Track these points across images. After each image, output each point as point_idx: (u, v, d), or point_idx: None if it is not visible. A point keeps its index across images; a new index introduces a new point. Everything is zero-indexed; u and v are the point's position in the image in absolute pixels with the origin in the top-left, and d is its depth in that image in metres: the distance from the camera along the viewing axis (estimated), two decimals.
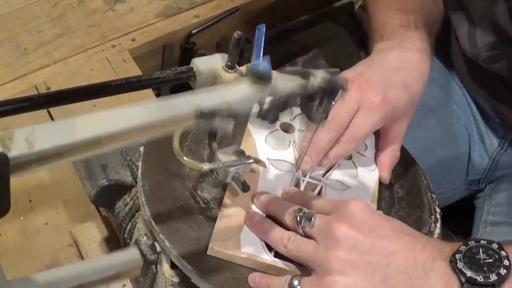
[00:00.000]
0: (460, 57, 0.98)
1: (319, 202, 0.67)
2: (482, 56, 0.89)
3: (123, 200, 0.79)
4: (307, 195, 0.71)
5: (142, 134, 0.53)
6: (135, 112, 0.53)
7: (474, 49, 0.89)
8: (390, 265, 0.58)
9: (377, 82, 0.74)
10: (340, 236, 0.59)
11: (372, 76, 0.75)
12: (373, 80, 0.74)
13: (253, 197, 0.70)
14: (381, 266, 0.58)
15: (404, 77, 0.77)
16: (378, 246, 0.59)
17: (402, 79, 0.76)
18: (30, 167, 0.46)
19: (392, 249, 0.59)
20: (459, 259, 0.57)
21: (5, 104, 0.49)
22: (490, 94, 0.96)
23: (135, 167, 0.78)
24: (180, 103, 0.54)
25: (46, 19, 1.18)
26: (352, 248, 0.59)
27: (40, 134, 0.47)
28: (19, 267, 0.81)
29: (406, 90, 0.76)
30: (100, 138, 0.49)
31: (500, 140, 1.02)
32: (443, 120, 1.01)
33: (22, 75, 1.08)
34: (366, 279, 0.58)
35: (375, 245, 0.59)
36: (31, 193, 0.90)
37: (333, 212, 0.63)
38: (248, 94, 0.58)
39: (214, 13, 1.24)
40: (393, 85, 0.75)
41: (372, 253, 0.59)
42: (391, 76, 0.76)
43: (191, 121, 0.55)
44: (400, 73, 0.77)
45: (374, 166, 0.77)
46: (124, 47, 1.15)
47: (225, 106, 0.56)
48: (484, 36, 0.87)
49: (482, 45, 0.88)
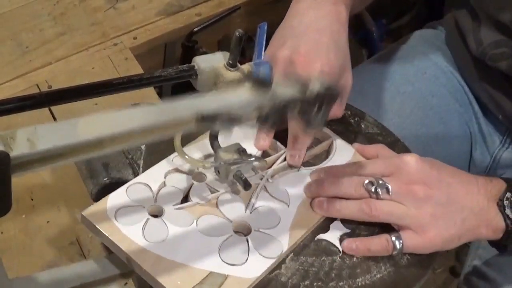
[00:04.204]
0: (464, 55, 0.98)
1: (374, 166, 0.72)
2: (488, 55, 0.89)
3: None
4: (360, 163, 0.74)
5: (143, 136, 0.53)
6: (137, 114, 0.53)
7: (480, 47, 0.89)
8: (464, 208, 0.68)
9: (314, 53, 0.75)
10: (423, 196, 0.67)
11: (307, 49, 0.76)
12: (309, 53, 0.75)
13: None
14: (459, 211, 0.68)
15: (332, 38, 0.78)
16: (451, 195, 0.68)
17: (330, 38, 0.77)
18: (32, 167, 0.47)
19: (460, 195, 0.69)
20: (506, 205, 0.69)
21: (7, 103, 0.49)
22: (495, 90, 0.96)
23: (136, 166, 0.78)
24: (181, 106, 0.55)
25: (48, 17, 1.18)
26: (435, 203, 0.67)
27: (42, 134, 0.47)
28: (21, 266, 0.81)
29: (338, 46, 0.78)
30: (101, 140, 0.49)
31: (502, 137, 1.02)
32: (444, 118, 1.01)
33: (23, 74, 1.08)
34: (453, 225, 0.68)
35: (450, 195, 0.68)
36: (33, 191, 0.90)
37: (394, 173, 0.69)
38: (249, 99, 0.58)
39: (216, 11, 1.24)
40: (327, 49, 0.76)
41: (450, 203, 0.68)
42: (321, 39, 0.77)
43: (192, 124, 0.55)
44: (326, 33, 0.78)
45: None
46: (125, 45, 1.14)
47: (225, 110, 0.56)
48: (490, 34, 0.87)
49: (487, 43, 0.88)
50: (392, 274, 0.68)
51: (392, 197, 0.68)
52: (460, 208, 0.68)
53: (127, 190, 0.69)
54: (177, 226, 0.66)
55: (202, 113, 0.55)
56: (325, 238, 0.70)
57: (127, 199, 0.68)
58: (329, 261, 0.67)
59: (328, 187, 0.71)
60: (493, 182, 0.71)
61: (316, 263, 0.67)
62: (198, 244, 0.65)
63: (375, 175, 0.70)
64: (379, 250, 0.68)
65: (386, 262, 0.68)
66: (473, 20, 0.89)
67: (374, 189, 0.68)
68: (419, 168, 0.69)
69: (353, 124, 0.85)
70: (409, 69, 1.04)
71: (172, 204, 0.69)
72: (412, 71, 1.04)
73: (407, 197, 0.68)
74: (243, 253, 0.65)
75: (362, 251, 0.68)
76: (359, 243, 0.68)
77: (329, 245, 0.69)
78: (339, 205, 0.70)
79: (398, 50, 1.08)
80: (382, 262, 0.68)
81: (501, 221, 0.69)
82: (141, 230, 0.65)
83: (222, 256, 0.64)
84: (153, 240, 0.64)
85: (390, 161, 0.71)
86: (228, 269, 0.63)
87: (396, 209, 0.68)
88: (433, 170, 0.69)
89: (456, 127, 1.02)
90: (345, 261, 0.68)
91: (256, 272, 0.64)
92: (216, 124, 0.57)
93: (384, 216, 0.68)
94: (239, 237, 0.67)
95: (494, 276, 0.90)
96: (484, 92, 0.99)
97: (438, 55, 1.05)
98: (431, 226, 0.67)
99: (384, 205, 0.68)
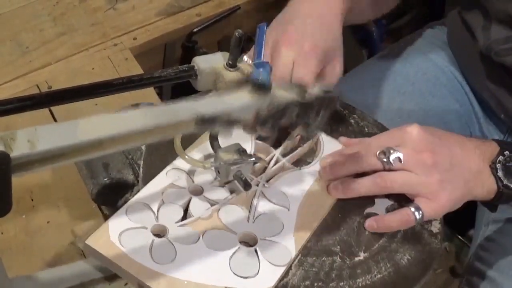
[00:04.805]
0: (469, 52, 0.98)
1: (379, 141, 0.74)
2: (495, 49, 0.89)
3: (125, 199, 0.79)
4: (364, 140, 0.77)
5: (143, 137, 0.53)
6: (137, 116, 0.53)
7: (487, 42, 0.90)
8: (464, 170, 0.72)
9: (300, 33, 0.77)
10: (431, 163, 0.70)
11: (293, 30, 0.77)
12: (295, 33, 0.77)
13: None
14: (461, 174, 0.71)
15: (320, 22, 0.79)
16: (453, 158, 0.71)
17: (319, 24, 0.79)
18: (32, 167, 0.47)
19: (460, 157, 0.72)
20: (499, 168, 0.72)
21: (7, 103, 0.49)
22: (498, 88, 0.96)
23: (136, 166, 0.78)
24: (180, 108, 0.55)
25: (48, 17, 1.18)
26: (442, 169, 0.70)
27: (43, 135, 0.47)
28: (21, 266, 0.81)
29: (327, 32, 0.79)
30: (101, 141, 0.50)
31: (502, 137, 1.02)
32: (444, 118, 1.02)
33: (23, 74, 1.08)
34: (458, 187, 0.71)
35: (452, 159, 0.71)
36: (33, 191, 0.90)
37: (400, 144, 0.71)
38: (248, 102, 0.58)
39: (216, 12, 1.24)
40: (313, 30, 0.77)
41: (455, 166, 0.71)
42: (307, 22, 0.79)
43: (191, 126, 0.55)
44: (316, 19, 0.80)
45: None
46: (125, 46, 1.14)
47: (225, 113, 0.56)
48: (500, 31, 0.88)
49: (495, 39, 0.89)
50: (393, 275, 0.68)
51: (404, 166, 0.70)
52: (461, 170, 0.72)
53: (127, 211, 0.68)
54: (183, 244, 0.65)
55: (202, 115, 0.55)
56: (372, 211, 0.72)
57: (128, 221, 0.67)
58: (329, 261, 0.67)
59: (342, 166, 0.73)
60: (486, 143, 0.75)
61: (316, 263, 0.67)
62: (208, 260, 0.64)
63: (383, 147, 0.72)
64: (400, 225, 0.71)
65: (387, 262, 0.68)
66: (483, 17, 0.90)
67: (387, 158, 0.70)
68: (422, 137, 0.71)
69: (353, 124, 0.85)
70: (409, 69, 1.04)
71: (174, 221, 0.68)
72: (412, 71, 1.04)
73: (418, 165, 0.70)
74: (254, 264, 0.65)
75: (383, 229, 0.71)
76: (380, 222, 0.71)
77: (330, 245, 0.69)
78: (354, 184, 0.72)
79: (398, 50, 1.08)
80: (382, 262, 0.68)
81: (494, 183, 0.73)
82: (149, 253, 0.64)
83: (234, 269, 0.64)
84: (162, 261, 0.63)
85: (394, 133, 0.74)
86: (242, 282, 0.63)
87: (409, 179, 0.70)
88: (435, 137, 0.72)
89: (457, 127, 1.02)
90: (345, 262, 0.68)
91: (269, 282, 0.63)
92: (216, 126, 0.57)
93: (399, 186, 0.71)
94: (247, 248, 0.66)
95: (494, 276, 0.90)
96: (486, 90, 0.99)
97: (438, 55, 1.05)
98: (441, 191, 0.70)
99: (397, 176, 0.71)
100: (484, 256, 0.95)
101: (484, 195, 0.74)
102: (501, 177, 0.72)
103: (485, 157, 0.73)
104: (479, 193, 0.73)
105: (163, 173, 0.73)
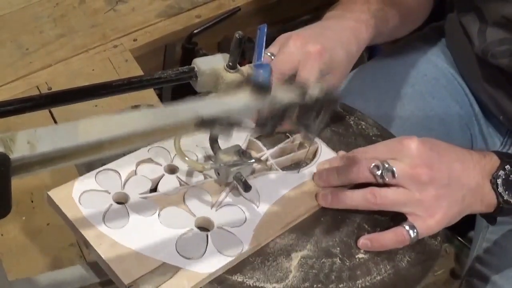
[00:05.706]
0: (466, 54, 0.98)
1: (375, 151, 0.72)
2: (491, 52, 0.89)
3: None
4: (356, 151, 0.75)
5: (142, 139, 0.53)
6: (137, 117, 0.53)
7: (483, 44, 0.90)
8: (463, 186, 0.70)
9: (312, 37, 0.77)
10: (427, 179, 0.67)
11: (307, 34, 0.78)
12: (308, 36, 0.77)
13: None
14: (459, 189, 0.69)
15: (339, 36, 0.80)
16: (451, 174, 0.69)
17: (337, 38, 0.79)
18: (32, 169, 0.47)
19: (459, 172, 0.70)
20: (499, 183, 0.71)
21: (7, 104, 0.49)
22: (495, 90, 0.96)
23: None
24: (181, 110, 0.55)
25: (48, 19, 1.19)
26: (440, 185, 0.68)
27: (42, 136, 0.47)
28: (21, 267, 0.81)
29: (341, 45, 0.79)
30: (101, 142, 0.49)
31: (502, 138, 1.02)
32: (444, 120, 1.02)
33: (23, 75, 1.08)
34: (455, 203, 0.69)
35: (450, 175, 0.69)
36: (33, 193, 0.90)
37: (396, 157, 0.69)
38: (248, 103, 0.58)
39: (216, 13, 1.24)
40: (327, 40, 0.78)
41: (452, 183, 0.69)
42: (325, 33, 0.79)
43: (191, 128, 0.55)
44: (335, 33, 0.80)
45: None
46: (125, 47, 1.15)
47: (225, 115, 0.56)
48: (495, 33, 0.88)
49: (491, 41, 0.89)
50: (392, 276, 0.67)
51: (398, 181, 0.68)
52: (460, 186, 0.70)
53: (96, 175, 0.69)
54: (138, 214, 0.66)
55: (202, 117, 0.55)
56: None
57: (94, 183, 0.68)
58: (329, 263, 0.67)
59: (335, 175, 0.72)
60: (487, 157, 0.72)
61: (316, 265, 0.67)
62: (157, 234, 0.65)
63: (379, 159, 0.70)
64: (394, 244, 0.69)
65: (386, 264, 0.68)
66: (479, 20, 0.90)
67: (380, 173, 0.68)
68: (420, 151, 0.69)
69: (353, 126, 0.85)
70: (410, 70, 1.04)
71: (138, 192, 0.69)
72: (412, 72, 1.04)
73: (412, 181, 0.68)
74: (200, 248, 0.65)
75: (377, 248, 0.69)
76: (373, 241, 0.69)
77: (329, 246, 0.69)
78: (343, 196, 0.70)
79: (399, 52, 1.08)
80: (382, 264, 0.68)
81: (494, 198, 0.71)
82: (102, 215, 0.65)
83: (178, 248, 0.64)
84: (112, 226, 0.64)
85: (391, 145, 0.71)
86: (182, 261, 0.63)
87: (401, 196, 0.68)
88: (433, 151, 0.70)
89: (457, 128, 1.02)
90: (345, 263, 0.68)
91: (210, 268, 0.63)
92: (216, 127, 0.57)
93: (389, 203, 0.69)
94: (200, 232, 0.66)
95: (494, 278, 0.90)
96: (484, 92, 0.99)
97: (438, 56, 1.05)
98: (436, 208, 0.68)
99: (389, 192, 0.68)
100: (485, 258, 0.94)
101: (483, 209, 0.72)
102: (501, 192, 0.71)
103: (485, 171, 0.71)
104: (478, 208, 0.72)
105: (145, 148, 0.73)
